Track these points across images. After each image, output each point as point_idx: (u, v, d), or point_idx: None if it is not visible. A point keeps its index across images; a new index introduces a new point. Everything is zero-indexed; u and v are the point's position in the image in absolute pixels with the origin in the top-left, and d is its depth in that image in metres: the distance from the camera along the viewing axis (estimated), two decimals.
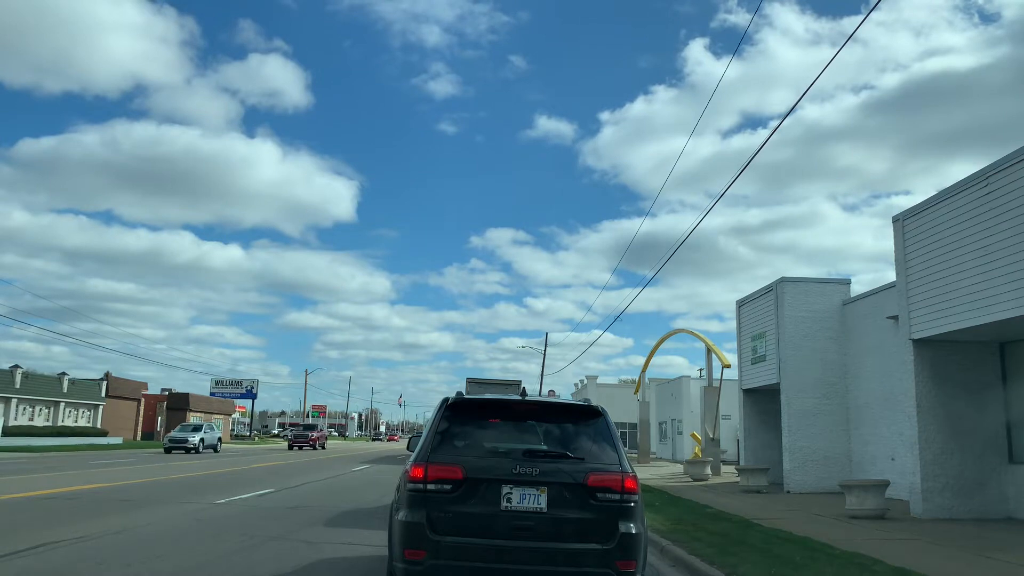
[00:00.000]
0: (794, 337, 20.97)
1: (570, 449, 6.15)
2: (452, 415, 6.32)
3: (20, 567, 7.64)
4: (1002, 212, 12.09)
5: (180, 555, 8.57)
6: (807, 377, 20.78)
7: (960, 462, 14.07)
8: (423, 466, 5.83)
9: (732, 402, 29.64)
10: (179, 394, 77.10)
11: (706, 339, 33.13)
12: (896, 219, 15.27)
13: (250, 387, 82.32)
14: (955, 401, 14.26)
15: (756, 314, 23.58)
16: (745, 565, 8.31)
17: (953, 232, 13.36)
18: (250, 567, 8.06)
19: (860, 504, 13.80)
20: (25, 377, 55.84)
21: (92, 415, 64.21)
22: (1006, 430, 14.26)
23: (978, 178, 12.76)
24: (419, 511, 5.70)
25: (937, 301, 13.76)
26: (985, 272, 12.40)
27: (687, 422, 46.13)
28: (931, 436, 14.14)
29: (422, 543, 5.61)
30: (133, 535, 9.91)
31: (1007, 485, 14.03)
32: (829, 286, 21.70)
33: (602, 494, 5.78)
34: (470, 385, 30.23)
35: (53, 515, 11.64)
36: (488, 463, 5.93)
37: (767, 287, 22.59)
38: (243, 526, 11.08)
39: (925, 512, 13.84)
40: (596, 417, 6.39)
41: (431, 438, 6.12)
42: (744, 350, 24.63)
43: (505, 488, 5.77)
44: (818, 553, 9.26)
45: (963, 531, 12.02)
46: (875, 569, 8.28)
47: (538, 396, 10.32)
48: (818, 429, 20.49)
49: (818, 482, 19.90)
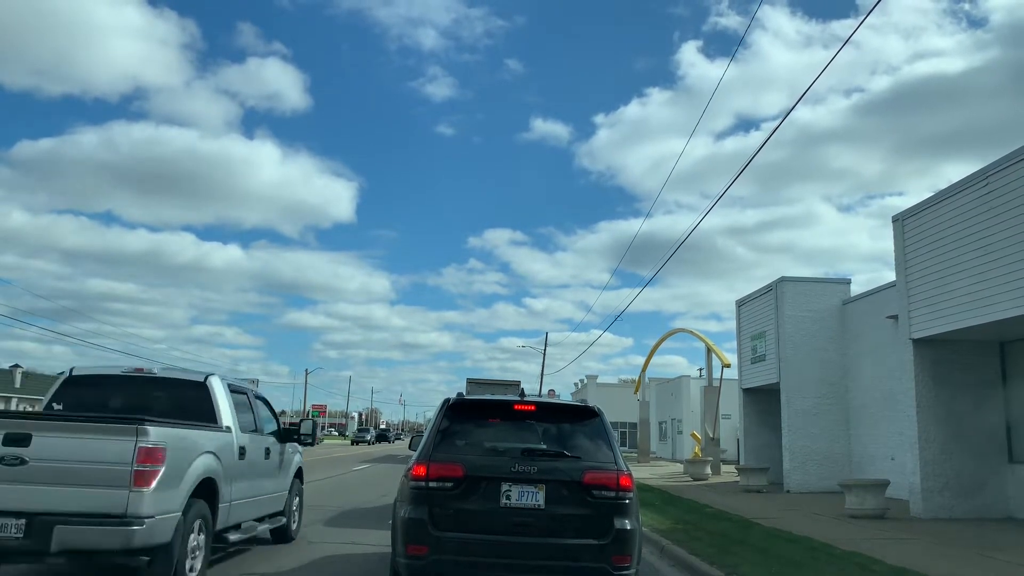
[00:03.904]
0: (794, 337, 20.97)
1: (567, 448, 6.29)
2: (453, 415, 6.48)
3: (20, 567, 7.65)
4: (1002, 212, 12.09)
5: None
6: (807, 377, 20.78)
7: (960, 462, 14.07)
8: (425, 464, 5.98)
9: (732, 402, 29.62)
10: None
11: (706, 339, 33.17)
12: (896, 219, 15.27)
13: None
14: (955, 401, 14.26)
15: (756, 314, 23.59)
16: (745, 565, 8.32)
17: (953, 232, 13.36)
18: (250, 566, 8.08)
19: (860, 504, 13.81)
20: (25, 377, 55.92)
21: None
22: (1006, 430, 14.27)
23: (978, 178, 12.75)
24: (421, 508, 5.84)
25: (937, 301, 13.77)
26: (985, 272, 12.40)
27: (687, 422, 46.14)
28: (931, 436, 14.14)
29: (424, 539, 5.75)
30: None
31: (1007, 485, 14.03)
32: (829, 286, 21.70)
33: (598, 491, 5.93)
34: (470, 385, 30.26)
35: None
36: (488, 461, 6.08)
37: (767, 287, 22.59)
38: None
39: (925, 512, 13.84)
40: (593, 417, 6.53)
41: (433, 437, 6.29)
42: (744, 350, 24.64)
43: (504, 486, 5.90)
44: (818, 553, 9.28)
45: (963, 531, 12.02)
46: (875, 569, 8.29)
47: (537, 396, 10.38)
48: (818, 429, 20.49)
49: (818, 482, 19.90)
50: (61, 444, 5.91)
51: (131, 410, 6.97)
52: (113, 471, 5.86)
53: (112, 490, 5.84)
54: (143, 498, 5.90)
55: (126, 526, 5.82)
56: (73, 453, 5.88)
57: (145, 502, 5.90)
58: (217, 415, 7.78)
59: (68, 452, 5.88)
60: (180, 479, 6.40)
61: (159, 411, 7.23)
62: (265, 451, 8.87)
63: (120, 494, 5.85)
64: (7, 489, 5.77)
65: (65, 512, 5.76)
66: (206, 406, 7.78)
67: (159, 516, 6.03)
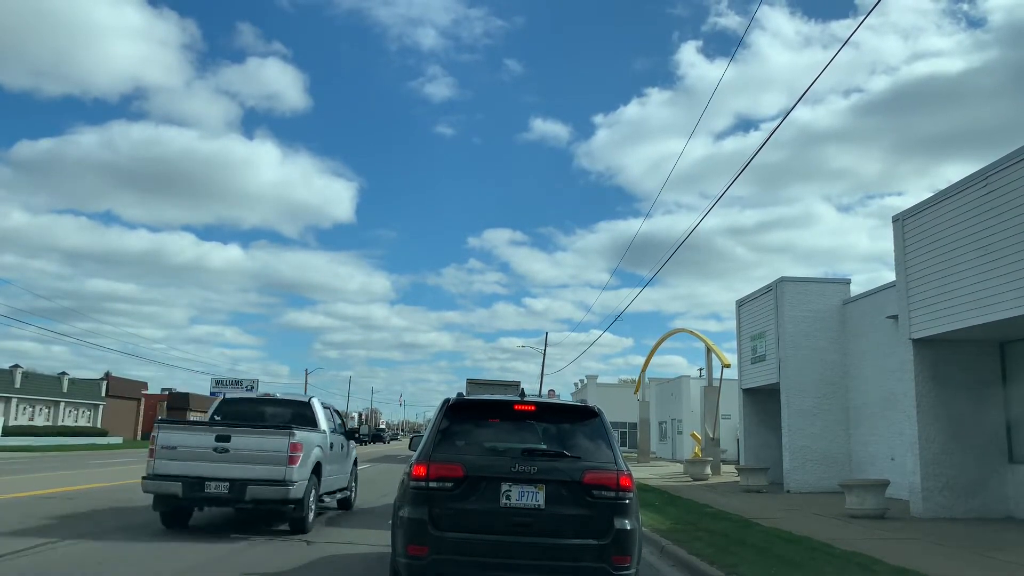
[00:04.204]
0: (794, 337, 20.96)
1: (567, 448, 6.28)
2: (453, 415, 6.47)
3: (22, 566, 7.65)
4: (1002, 212, 12.09)
5: (181, 555, 8.58)
6: (807, 377, 20.77)
7: (960, 462, 14.07)
8: (425, 464, 5.98)
9: (732, 402, 29.62)
10: (179, 394, 77.12)
11: (706, 339, 33.16)
12: (896, 219, 15.27)
13: (250, 387, 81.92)
14: (955, 401, 14.26)
15: (756, 314, 23.58)
16: (745, 565, 8.31)
17: (953, 232, 13.36)
18: (250, 566, 8.08)
19: (860, 504, 13.80)
20: (25, 377, 55.85)
21: (92, 415, 64.23)
22: (1006, 430, 14.26)
23: (978, 178, 12.75)
24: (421, 508, 5.84)
25: (937, 301, 13.76)
26: (985, 272, 12.40)
27: (687, 422, 46.13)
28: (931, 436, 14.14)
29: (424, 539, 5.75)
30: (132, 535, 9.92)
31: (1007, 485, 14.03)
32: (829, 286, 21.69)
33: (598, 491, 5.92)
34: (470, 386, 30.29)
35: (55, 514, 11.65)
36: (488, 461, 6.07)
37: (767, 287, 22.59)
38: (243, 525, 11.09)
39: (925, 512, 13.84)
40: (592, 417, 6.52)
41: (433, 437, 6.28)
42: (744, 350, 24.63)
43: (504, 486, 5.90)
44: (818, 553, 9.27)
45: (963, 531, 12.02)
46: (875, 569, 8.28)
47: (538, 396, 10.39)
48: (818, 429, 20.49)
49: (818, 482, 19.90)
50: (249, 440, 10.23)
51: (267, 420, 11.90)
52: (277, 455, 10.17)
53: (277, 466, 10.14)
54: (293, 471, 10.22)
55: (285, 486, 10.10)
56: (255, 445, 10.19)
57: (294, 473, 10.23)
58: (317, 422, 12.10)
59: (253, 444, 10.20)
60: (307, 461, 10.69)
61: (284, 420, 11.63)
62: (340, 445, 13.20)
63: (281, 469, 10.14)
64: (219, 466, 10.02)
65: (252, 478, 10.02)
66: (310, 416, 12.14)
67: (299, 481, 10.33)
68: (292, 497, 10.14)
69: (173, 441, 10.22)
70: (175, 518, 10.61)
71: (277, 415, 12.20)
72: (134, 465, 27.23)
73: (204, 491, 9.96)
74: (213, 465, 10.01)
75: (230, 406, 12.49)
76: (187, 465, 10.03)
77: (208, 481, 9.94)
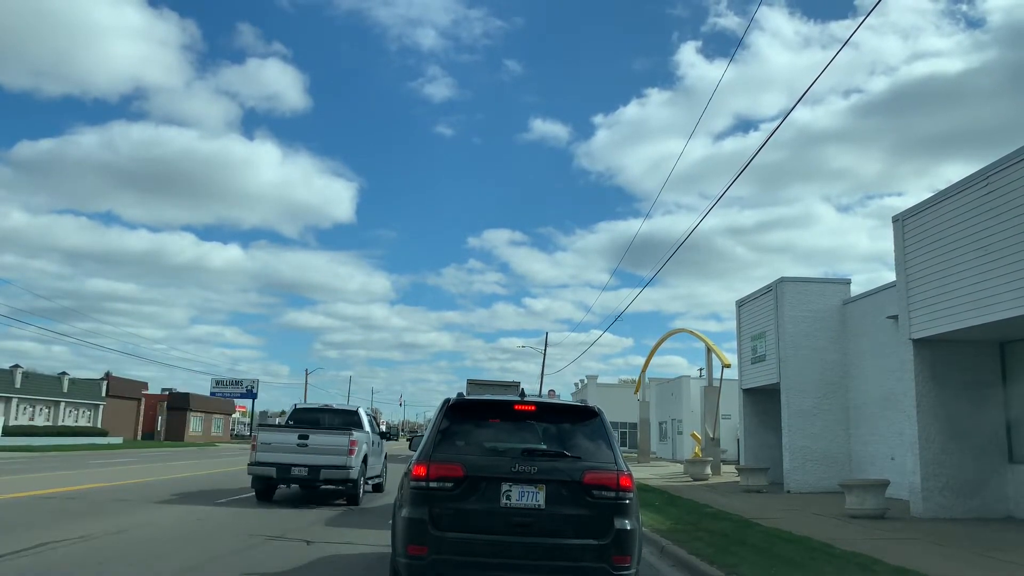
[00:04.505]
0: (794, 337, 20.97)
1: (567, 448, 6.27)
2: (453, 415, 6.47)
3: (22, 566, 7.65)
4: (1002, 212, 12.09)
5: (181, 555, 8.59)
6: (807, 377, 20.78)
7: (960, 462, 14.07)
8: (425, 465, 5.98)
9: (732, 402, 29.63)
10: (180, 394, 77.06)
11: (706, 339, 33.18)
12: (896, 219, 15.27)
13: (250, 387, 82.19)
14: (955, 401, 14.26)
15: (756, 314, 23.59)
16: (745, 565, 8.32)
17: (953, 232, 13.36)
18: (250, 566, 8.08)
19: (860, 504, 13.81)
20: (25, 377, 55.80)
21: (92, 415, 64.18)
22: (1006, 430, 14.26)
23: (978, 178, 12.75)
24: (421, 508, 5.84)
25: (937, 301, 13.76)
26: (985, 272, 12.40)
27: (687, 422, 46.14)
28: (931, 436, 14.14)
29: (424, 539, 5.75)
30: (133, 535, 9.93)
31: (1007, 485, 14.03)
32: (829, 286, 21.69)
33: (598, 491, 5.92)
34: (470, 386, 30.32)
35: (55, 514, 11.66)
36: (488, 461, 6.07)
37: (767, 287, 22.59)
38: (242, 525, 11.09)
39: (925, 512, 13.85)
40: (592, 417, 6.52)
41: (433, 437, 6.27)
42: (744, 350, 24.64)
43: (504, 486, 5.90)
44: (818, 553, 9.27)
45: (963, 531, 12.02)
46: (875, 569, 8.29)
47: (538, 396, 10.37)
48: (818, 429, 20.49)
49: (818, 482, 19.90)
50: (321, 438, 14.42)
51: (326, 424, 15.92)
52: (341, 448, 14.28)
53: (341, 456, 14.22)
54: (351, 460, 14.29)
55: (346, 470, 14.20)
56: (326, 442, 14.32)
57: (352, 461, 14.30)
58: (363, 424, 16.21)
59: (324, 441, 14.34)
60: (360, 453, 14.73)
61: (340, 424, 15.75)
62: (377, 443, 17.16)
63: (343, 458, 14.22)
64: (301, 455, 14.19)
65: (325, 465, 14.12)
66: (357, 420, 16.33)
67: (355, 467, 14.38)
68: (351, 478, 14.24)
69: (268, 439, 14.51)
70: (265, 494, 14.80)
71: (334, 420, 16.31)
72: (134, 465, 27.25)
73: (291, 474, 14.15)
74: (296, 455, 14.17)
75: (300, 413, 17.11)
76: (278, 455, 14.20)
77: (294, 467, 14.09)
